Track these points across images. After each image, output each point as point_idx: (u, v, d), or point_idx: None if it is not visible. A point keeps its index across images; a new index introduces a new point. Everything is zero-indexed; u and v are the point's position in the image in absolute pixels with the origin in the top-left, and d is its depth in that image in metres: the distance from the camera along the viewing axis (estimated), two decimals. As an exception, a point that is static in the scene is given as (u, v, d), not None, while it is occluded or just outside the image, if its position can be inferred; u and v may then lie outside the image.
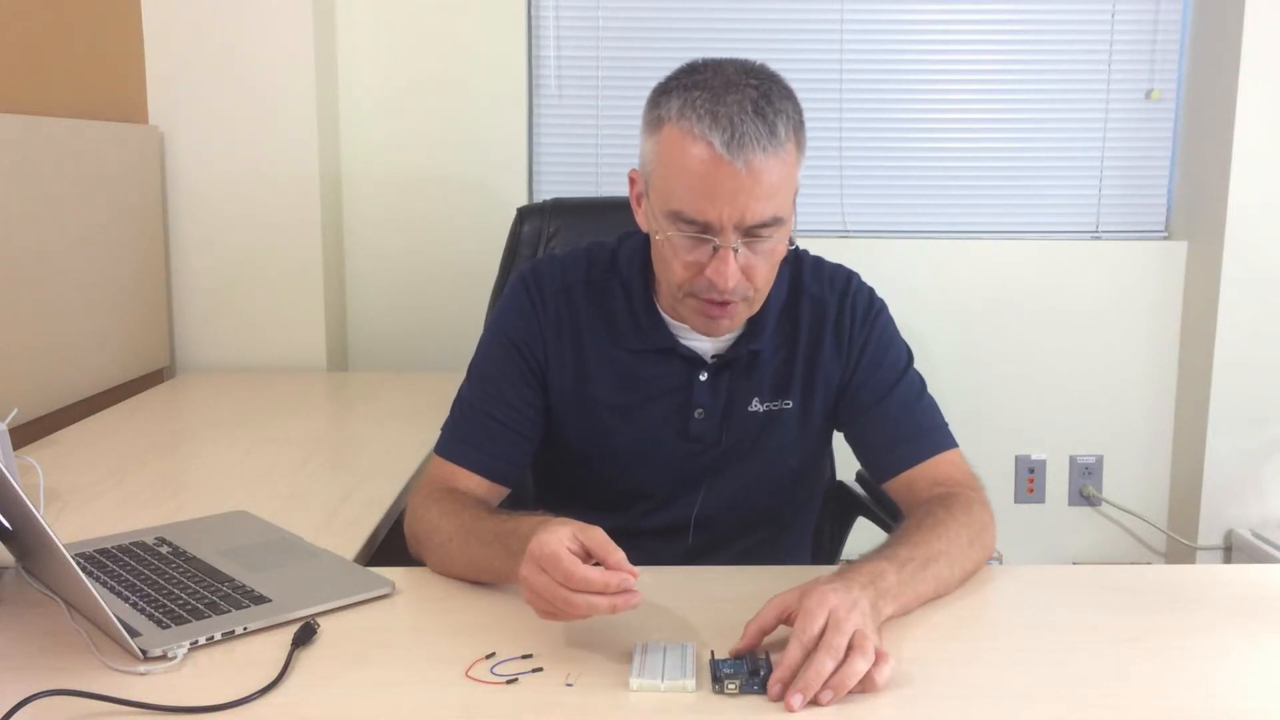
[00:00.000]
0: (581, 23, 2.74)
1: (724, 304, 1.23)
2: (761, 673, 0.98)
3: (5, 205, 1.89)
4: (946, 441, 1.34)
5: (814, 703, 0.94)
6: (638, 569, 1.00)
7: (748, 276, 1.21)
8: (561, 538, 1.01)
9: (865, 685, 0.96)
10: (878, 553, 1.13)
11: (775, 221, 1.19)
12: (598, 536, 1.02)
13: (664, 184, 1.20)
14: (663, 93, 1.21)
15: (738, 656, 1.02)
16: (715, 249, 1.18)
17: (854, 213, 2.81)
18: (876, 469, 1.37)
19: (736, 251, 1.18)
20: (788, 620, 1.02)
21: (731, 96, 1.16)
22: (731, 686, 0.96)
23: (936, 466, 1.32)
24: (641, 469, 1.38)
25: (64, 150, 2.08)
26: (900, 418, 1.35)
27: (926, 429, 1.35)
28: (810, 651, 0.96)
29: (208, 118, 2.50)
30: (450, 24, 2.66)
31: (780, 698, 0.95)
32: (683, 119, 1.16)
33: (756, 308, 1.30)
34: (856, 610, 0.98)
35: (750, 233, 1.18)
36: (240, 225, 2.54)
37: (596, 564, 1.01)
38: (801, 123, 1.21)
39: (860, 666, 0.95)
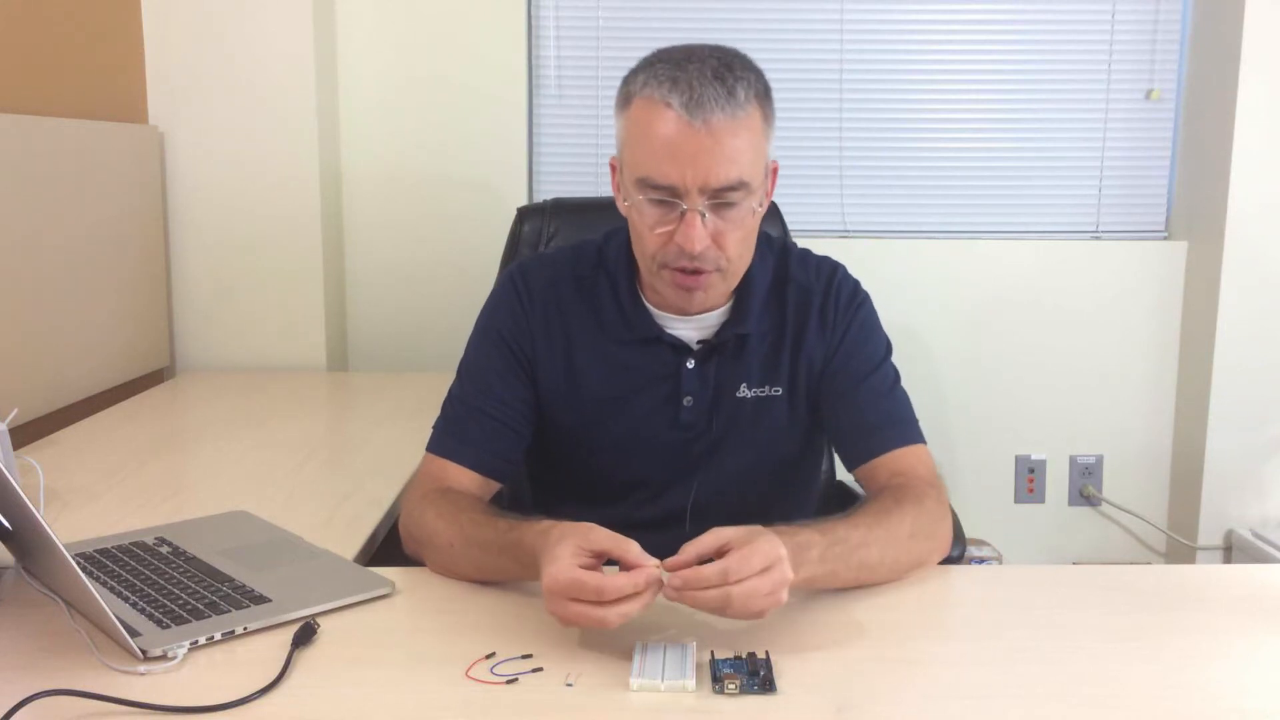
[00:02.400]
0: (581, 23, 2.74)
1: (696, 273, 1.24)
2: (761, 673, 0.98)
3: (5, 205, 1.89)
4: (914, 436, 1.35)
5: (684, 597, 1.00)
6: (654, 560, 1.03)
7: (718, 244, 1.23)
8: (568, 560, 1.01)
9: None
10: (819, 523, 1.14)
11: (741, 185, 1.21)
12: (601, 536, 1.04)
13: (632, 154, 1.23)
14: (631, 72, 1.26)
15: (737, 657, 1.02)
16: (683, 214, 1.20)
17: (854, 213, 2.81)
18: (846, 455, 1.38)
19: (704, 216, 1.20)
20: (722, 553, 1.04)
21: (692, 65, 1.20)
22: (732, 687, 0.96)
23: (901, 458, 1.33)
24: (635, 459, 1.39)
25: (64, 150, 2.08)
26: (871, 406, 1.36)
27: (896, 421, 1.36)
28: (717, 561, 1.00)
29: (208, 118, 2.50)
30: (450, 24, 2.66)
31: (676, 587, 1.00)
32: (646, 88, 1.21)
33: (732, 281, 1.31)
34: (778, 569, 1.01)
35: (716, 196, 1.20)
36: (240, 225, 2.54)
37: (609, 562, 1.03)
38: (766, 93, 1.24)
39: (709, 602, 0.99)
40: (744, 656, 1.02)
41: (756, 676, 0.98)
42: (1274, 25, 2.57)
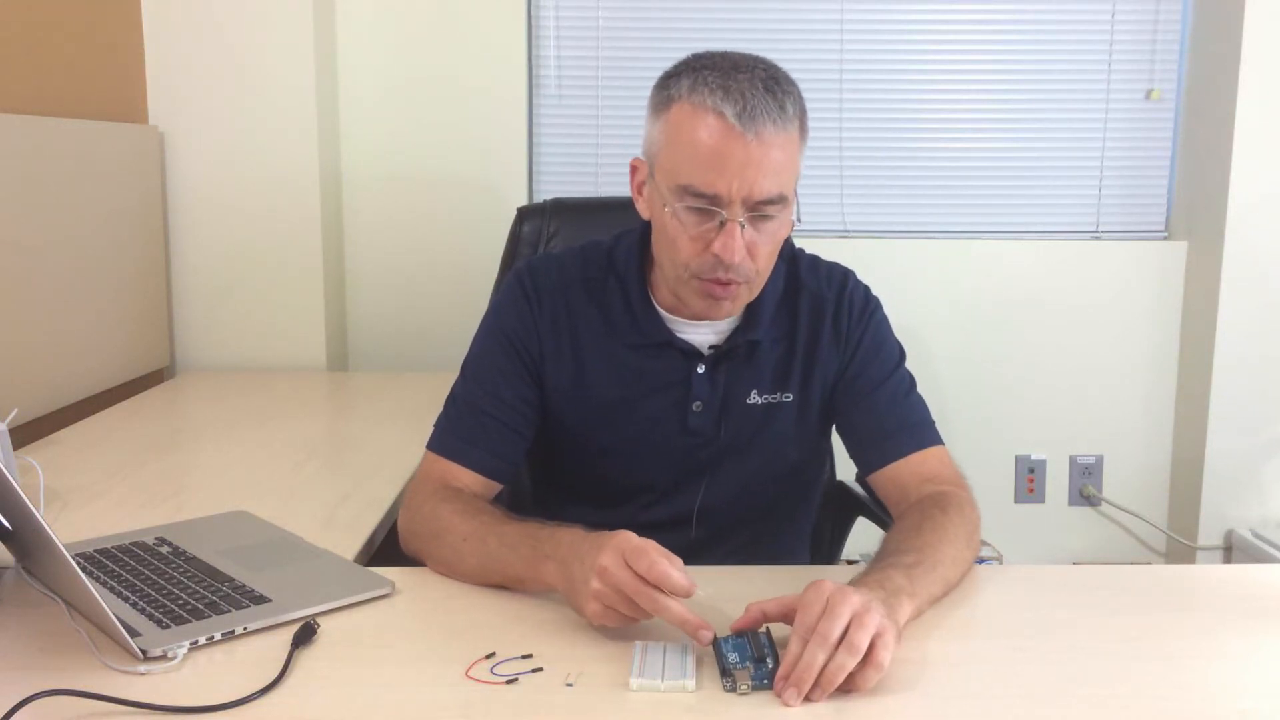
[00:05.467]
0: (581, 23, 2.74)
1: (727, 284, 1.24)
2: (769, 663, 0.98)
3: (5, 205, 1.89)
4: (934, 438, 1.36)
5: (807, 699, 0.94)
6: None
7: (751, 255, 1.22)
8: (644, 540, 1.03)
9: (848, 685, 0.95)
10: (879, 562, 1.13)
11: (780, 199, 1.20)
12: (657, 545, 1.04)
13: (673, 160, 1.21)
14: (671, 76, 1.24)
15: (738, 634, 1.01)
16: (722, 223, 1.20)
17: (854, 213, 2.81)
18: (864, 460, 1.37)
19: (743, 227, 1.20)
20: (789, 620, 1.01)
21: (741, 75, 1.19)
22: (744, 687, 0.96)
23: (925, 462, 1.32)
24: (642, 463, 1.38)
25: (64, 150, 2.08)
26: (890, 411, 1.36)
27: (915, 424, 1.36)
28: (806, 642, 0.95)
29: (208, 118, 2.50)
30: (450, 24, 2.67)
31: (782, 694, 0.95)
32: (694, 94, 1.19)
33: (756, 292, 1.30)
34: (855, 597, 0.97)
35: (756, 209, 1.20)
36: (240, 225, 2.54)
37: None
38: (805, 110, 1.24)
39: (845, 662, 0.94)
40: (745, 635, 1.01)
41: (764, 665, 0.98)
42: (1274, 25, 2.57)
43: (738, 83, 1.18)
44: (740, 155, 1.17)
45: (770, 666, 0.98)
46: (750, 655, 0.99)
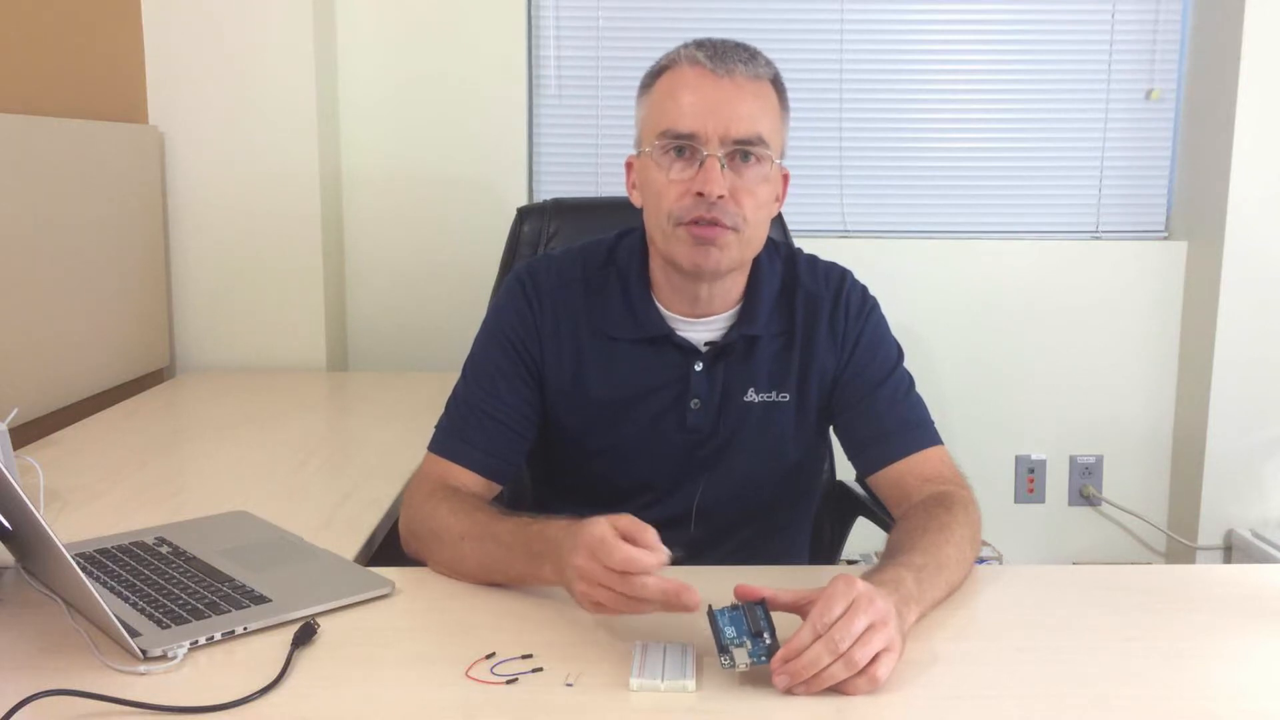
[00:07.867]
0: (581, 23, 2.74)
1: (713, 224, 1.24)
2: (766, 638, 0.98)
3: (5, 205, 1.89)
4: (933, 438, 1.36)
5: (790, 691, 0.95)
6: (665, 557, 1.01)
7: (735, 201, 1.24)
8: (606, 523, 1.03)
9: (840, 687, 0.95)
10: (891, 560, 1.12)
11: (760, 141, 1.25)
12: (627, 520, 1.04)
13: (656, 119, 1.28)
14: (654, 64, 1.32)
15: (734, 606, 1.01)
16: (702, 161, 1.24)
17: (854, 213, 2.81)
18: (864, 462, 1.37)
19: (723, 166, 1.24)
20: (802, 611, 1.01)
21: (717, 40, 1.30)
22: (743, 664, 0.96)
23: (925, 462, 1.32)
24: (641, 461, 1.38)
25: (64, 150, 2.08)
26: (888, 412, 1.36)
27: (913, 424, 1.36)
28: (819, 637, 0.95)
29: (208, 118, 2.50)
30: (450, 24, 2.67)
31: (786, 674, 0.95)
32: (674, 64, 1.29)
33: (746, 251, 1.30)
34: (878, 605, 0.97)
35: (735, 150, 1.24)
36: (240, 225, 2.54)
37: None
38: (783, 87, 1.31)
39: (837, 672, 0.94)
40: (741, 608, 1.00)
41: (761, 641, 0.97)
42: (1274, 25, 2.57)
43: (711, 41, 1.28)
44: (713, 94, 1.24)
45: (767, 642, 0.98)
46: (746, 629, 0.99)
